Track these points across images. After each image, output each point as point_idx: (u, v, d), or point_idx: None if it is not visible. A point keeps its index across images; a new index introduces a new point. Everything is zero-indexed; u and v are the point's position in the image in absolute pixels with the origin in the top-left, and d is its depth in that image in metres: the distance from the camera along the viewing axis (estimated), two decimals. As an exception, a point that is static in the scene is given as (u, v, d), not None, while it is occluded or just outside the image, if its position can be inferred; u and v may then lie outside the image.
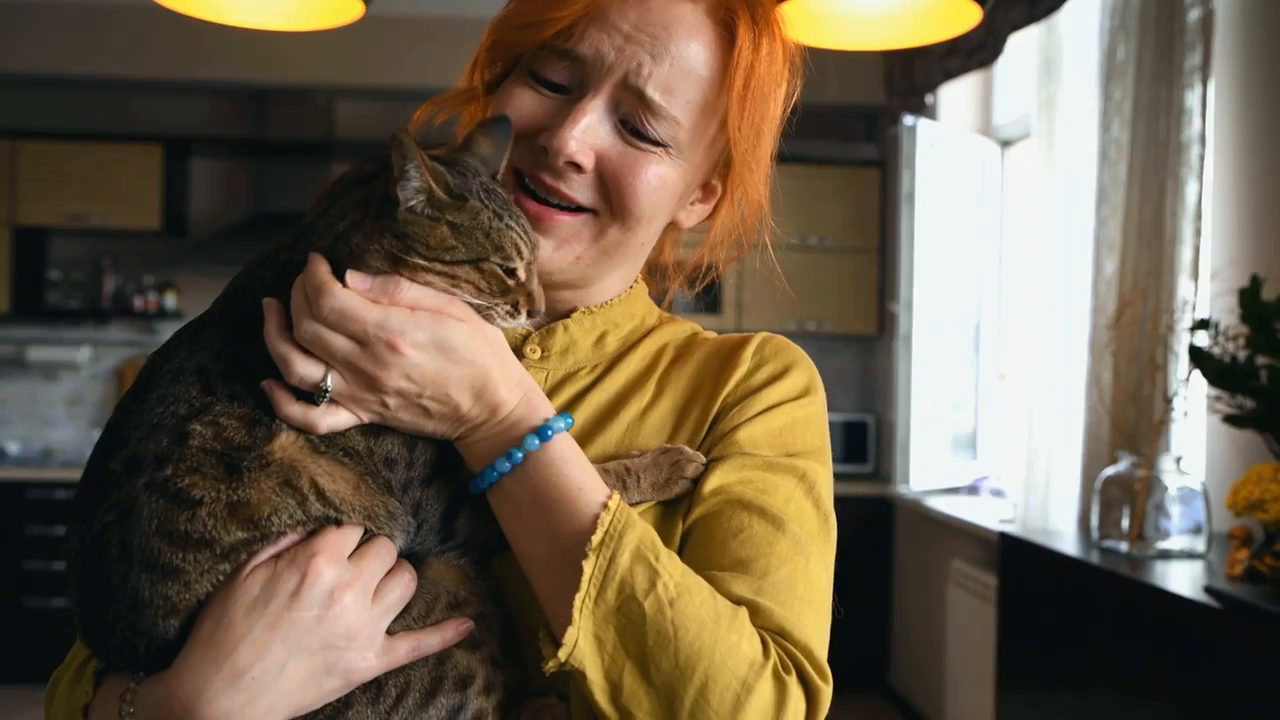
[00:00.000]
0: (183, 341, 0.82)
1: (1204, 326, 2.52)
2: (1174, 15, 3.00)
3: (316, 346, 0.77)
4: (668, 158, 0.90)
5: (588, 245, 0.90)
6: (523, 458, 0.79)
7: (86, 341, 5.65)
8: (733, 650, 0.76)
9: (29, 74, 5.35)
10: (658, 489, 0.86)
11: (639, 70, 0.86)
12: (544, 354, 0.95)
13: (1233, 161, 3.01)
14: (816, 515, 0.88)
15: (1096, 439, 3.26)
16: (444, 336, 0.78)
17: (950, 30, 2.56)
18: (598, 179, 0.88)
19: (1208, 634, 2.13)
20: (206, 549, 0.76)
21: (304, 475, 0.78)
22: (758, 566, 0.82)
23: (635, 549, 0.77)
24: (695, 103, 0.88)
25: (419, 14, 5.29)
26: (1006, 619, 3.04)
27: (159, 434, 0.78)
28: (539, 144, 0.87)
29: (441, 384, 0.78)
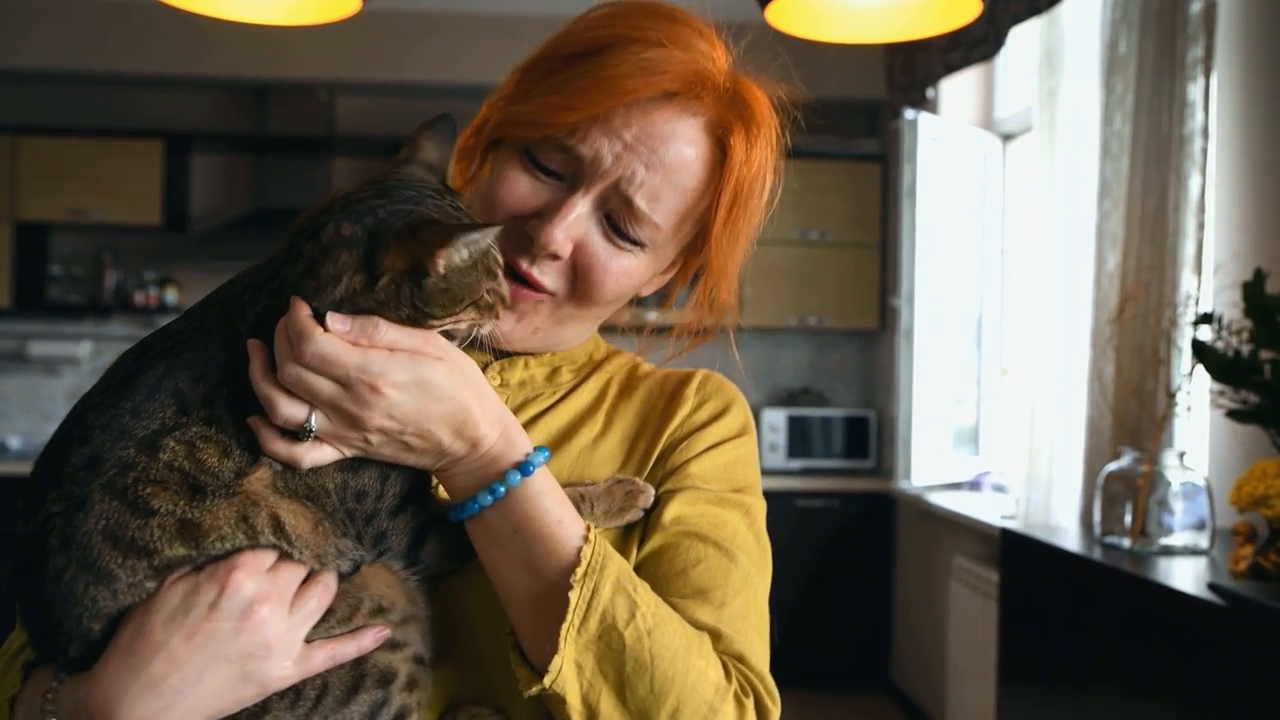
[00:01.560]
0: (160, 355, 0.83)
1: (1207, 321, 2.50)
2: (1176, 7, 2.99)
3: (300, 389, 0.78)
4: (641, 254, 0.95)
5: (545, 319, 0.96)
6: (505, 492, 0.82)
7: (88, 336, 5.65)
8: (701, 676, 0.82)
9: (30, 70, 5.34)
10: (609, 516, 0.91)
11: (632, 179, 0.91)
12: (503, 383, 1.00)
13: (1235, 154, 2.99)
14: (758, 548, 0.95)
15: (1099, 434, 3.25)
16: (424, 376, 0.80)
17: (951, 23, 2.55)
18: (569, 266, 0.93)
19: (1211, 631, 2.12)
20: (145, 559, 0.77)
21: (264, 511, 0.79)
22: (716, 596, 0.89)
23: (616, 580, 0.82)
24: (677, 211, 0.94)
25: (419, 9, 5.27)
26: (1008, 615, 3.03)
27: (127, 441, 0.79)
28: (525, 230, 0.92)
29: (423, 421, 0.80)
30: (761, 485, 1.00)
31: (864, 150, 5.38)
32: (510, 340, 0.95)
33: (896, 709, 4.85)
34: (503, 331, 0.93)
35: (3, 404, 5.65)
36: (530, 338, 0.96)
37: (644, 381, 1.03)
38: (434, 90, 5.48)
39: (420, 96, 5.59)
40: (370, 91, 5.60)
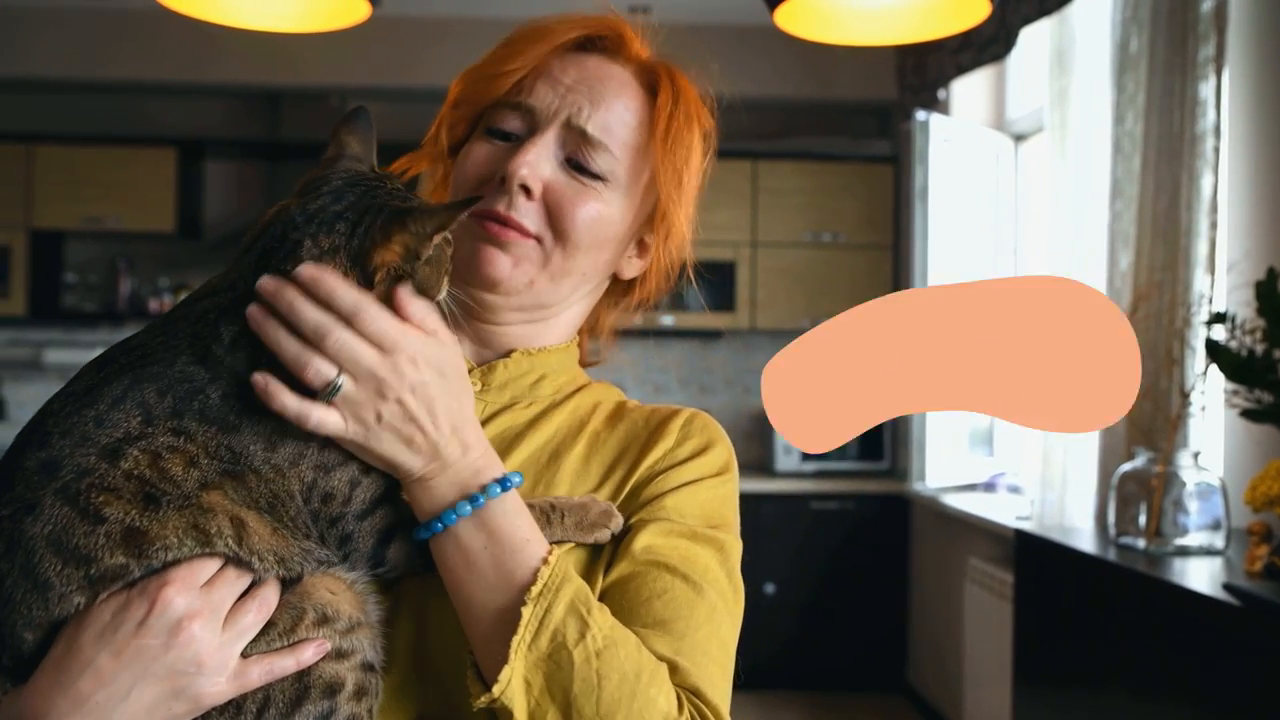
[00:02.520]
0: (125, 368, 0.82)
1: (1220, 320, 2.49)
2: (1187, 6, 2.98)
3: (342, 353, 0.80)
4: (606, 191, 1.00)
5: (538, 269, 0.98)
6: (484, 503, 0.84)
7: (102, 344, 5.67)
8: (650, 703, 0.82)
9: (44, 78, 5.38)
10: (580, 529, 0.92)
11: (579, 113, 0.99)
12: (484, 387, 1.02)
13: (1248, 153, 2.98)
14: (729, 585, 0.95)
15: (1113, 434, 3.24)
16: (443, 361, 0.84)
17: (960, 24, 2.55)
18: (544, 209, 0.97)
19: (1226, 631, 2.11)
20: (83, 568, 0.76)
21: (222, 517, 0.79)
22: (677, 627, 0.89)
23: (570, 602, 0.83)
24: (629, 143, 1.00)
25: (431, 14, 5.29)
26: (1022, 617, 3.02)
27: (88, 448, 0.78)
28: (495, 181, 0.97)
29: (433, 408, 0.83)
30: (739, 525, 1.01)
31: (876, 152, 5.37)
32: (512, 282, 0.97)
33: (912, 711, 4.83)
34: (500, 276, 0.97)
35: (18, 411, 5.68)
36: (527, 290, 0.99)
37: (630, 413, 1.04)
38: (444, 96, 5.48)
39: (432, 102, 5.54)
40: (382, 97, 5.61)
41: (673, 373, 5.64)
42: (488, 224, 0.97)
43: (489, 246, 0.96)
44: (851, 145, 5.34)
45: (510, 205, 0.96)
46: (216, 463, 0.79)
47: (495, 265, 0.96)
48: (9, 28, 5.28)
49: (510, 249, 0.97)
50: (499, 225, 0.96)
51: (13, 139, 5.35)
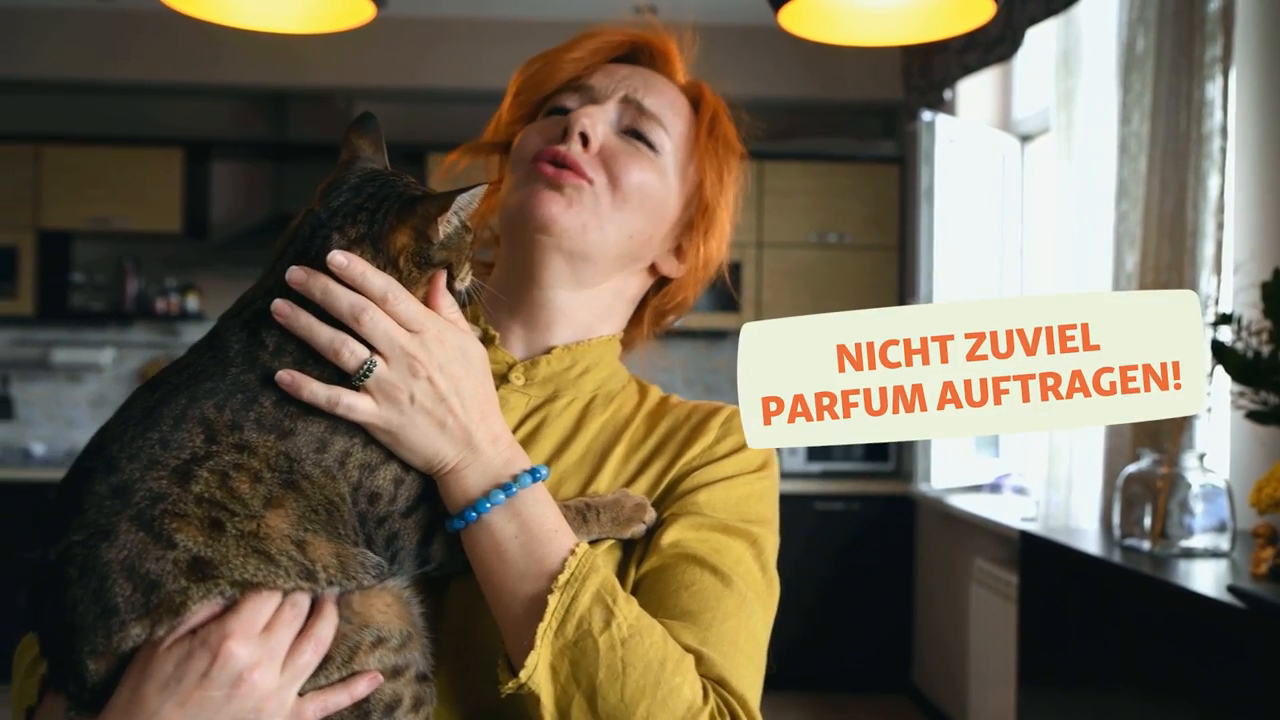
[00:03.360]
0: (178, 388, 0.84)
1: (1226, 321, 2.49)
2: (1193, 6, 2.97)
3: (376, 334, 0.83)
4: (659, 162, 1.04)
5: (591, 213, 1.00)
6: (516, 492, 0.86)
7: (110, 343, 5.70)
8: (674, 692, 0.83)
9: (51, 79, 5.40)
10: (616, 525, 0.93)
11: (635, 91, 1.05)
12: (527, 381, 1.03)
13: (1255, 154, 2.97)
14: (762, 578, 0.96)
15: (1118, 436, 3.23)
16: (465, 346, 0.88)
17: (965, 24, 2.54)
18: (599, 160, 1.01)
19: (1231, 634, 2.10)
20: (147, 594, 0.78)
21: (282, 539, 0.81)
22: (704, 619, 0.90)
23: (596, 591, 0.84)
24: (678, 131, 1.06)
25: (437, 15, 5.30)
26: (1027, 618, 3.02)
27: (158, 471, 0.80)
28: (557, 134, 1.02)
29: (460, 389, 0.86)
30: (777, 521, 1.01)
31: (882, 152, 5.37)
32: (563, 223, 0.99)
33: (917, 711, 4.83)
34: (551, 215, 0.99)
35: (26, 410, 5.70)
36: (580, 234, 1.00)
37: (673, 410, 1.06)
38: (451, 96, 5.50)
39: (437, 102, 5.61)
40: (388, 98, 5.62)
41: (678, 373, 5.64)
42: (543, 165, 1.00)
43: (544, 189, 0.99)
44: (857, 146, 5.34)
45: (568, 144, 1.00)
46: (277, 475, 0.81)
47: (550, 204, 0.99)
48: (17, 29, 5.29)
49: (565, 190, 0.99)
50: (555, 167, 0.99)
51: (21, 139, 5.37)
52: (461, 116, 5.63)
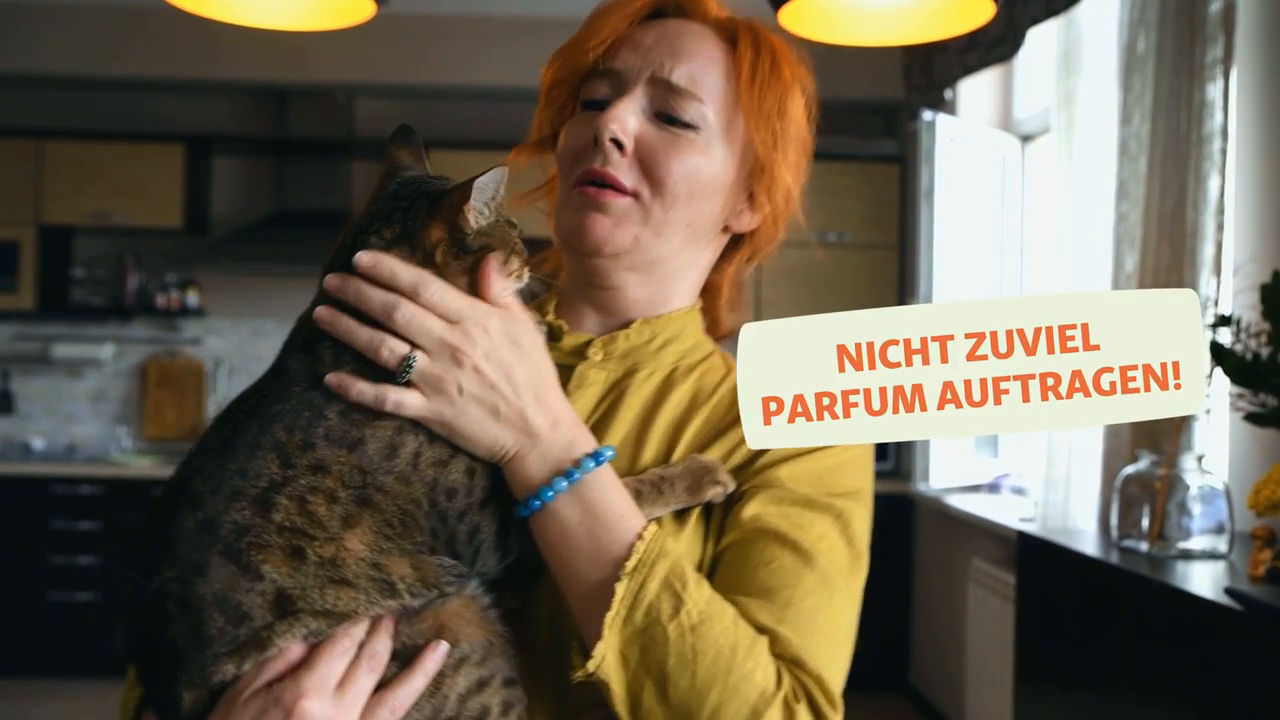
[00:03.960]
0: (250, 415, 0.85)
1: (1226, 323, 2.49)
2: (1194, 7, 2.97)
3: (411, 327, 0.83)
4: (700, 140, 0.99)
5: (640, 225, 0.98)
6: (579, 478, 0.85)
7: (110, 338, 5.70)
8: (746, 678, 0.81)
9: (53, 74, 5.40)
10: (692, 493, 0.92)
11: (662, 67, 0.99)
12: (606, 356, 1.02)
13: (1255, 155, 2.97)
14: (849, 553, 0.93)
15: (1117, 437, 3.23)
16: (515, 331, 0.86)
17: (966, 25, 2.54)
18: (638, 163, 0.98)
19: (1228, 636, 2.10)
20: (238, 626, 0.80)
21: (360, 563, 0.82)
22: (782, 596, 0.88)
23: (664, 578, 0.83)
24: (716, 92, 0.99)
25: (438, 11, 5.30)
26: (1025, 618, 3.02)
27: (240, 502, 0.81)
28: (589, 142, 0.99)
29: (512, 375, 0.85)
30: (870, 491, 0.99)
31: (882, 151, 5.37)
32: (613, 244, 0.98)
33: (914, 711, 4.83)
34: (602, 238, 0.97)
35: (27, 405, 5.70)
36: (634, 247, 0.99)
37: None
38: (452, 93, 5.50)
39: (438, 99, 5.61)
40: (389, 94, 5.62)
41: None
42: (586, 189, 0.98)
43: (589, 212, 0.98)
44: (858, 145, 5.34)
45: (605, 162, 0.97)
46: (351, 491, 0.82)
47: (596, 229, 0.97)
48: (19, 24, 5.29)
49: (609, 210, 0.98)
50: (596, 188, 0.97)
51: (22, 135, 5.37)
52: (463, 113, 5.63)
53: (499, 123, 5.54)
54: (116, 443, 5.64)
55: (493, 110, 5.58)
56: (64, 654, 5.10)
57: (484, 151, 5.37)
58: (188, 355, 5.75)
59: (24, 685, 4.99)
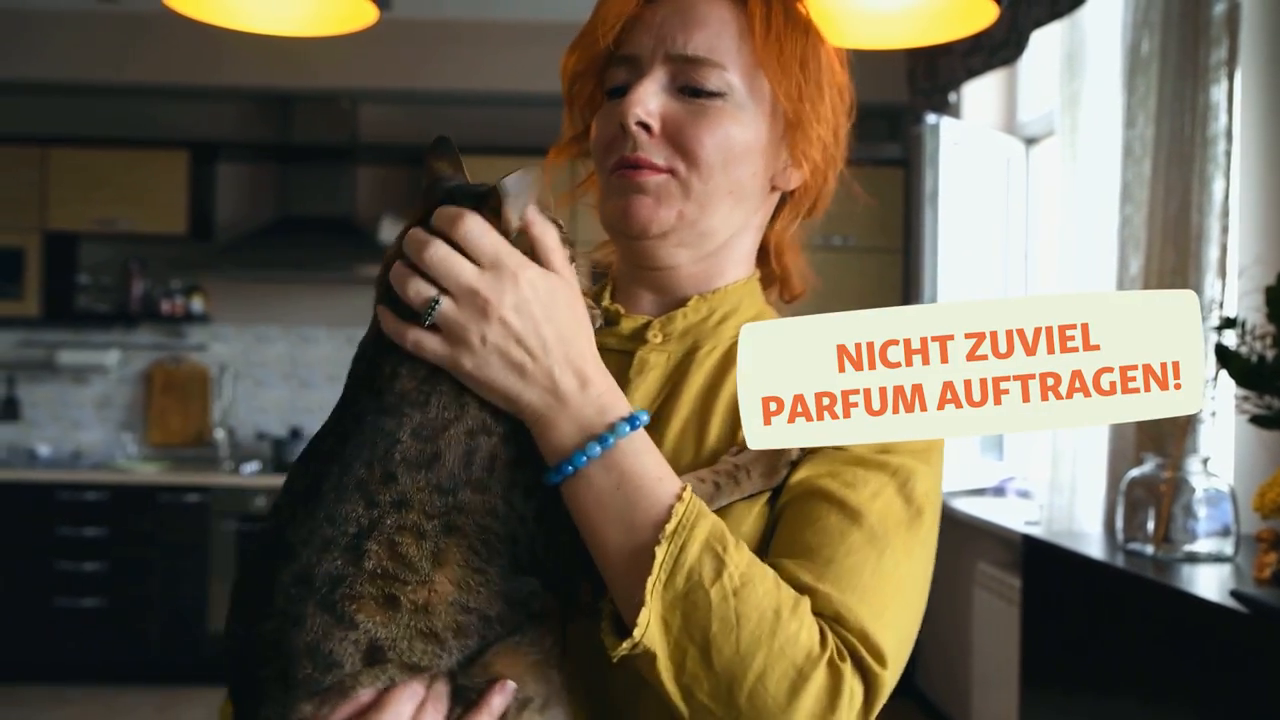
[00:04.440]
0: (330, 456, 0.85)
1: (1231, 325, 2.48)
2: (1199, 9, 2.96)
3: (441, 268, 0.81)
4: (728, 106, 0.97)
5: (682, 200, 0.97)
6: (614, 443, 0.82)
7: (115, 345, 5.71)
8: (791, 639, 0.80)
9: (58, 81, 5.42)
10: (767, 477, 0.91)
11: (675, 41, 0.97)
12: (665, 338, 1.01)
13: (1259, 158, 2.97)
14: (906, 511, 0.90)
15: (1123, 440, 3.22)
16: (552, 288, 0.84)
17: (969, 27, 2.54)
18: (667, 140, 0.96)
19: (1234, 639, 2.10)
20: (325, 673, 0.80)
21: (447, 610, 0.81)
22: (823, 554, 0.86)
23: (705, 540, 0.81)
24: (735, 54, 0.97)
25: (441, 18, 5.30)
26: (1030, 622, 3.01)
27: (333, 553, 0.81)
28: (617, 130, 0.97)
29: (540, 331, 0.82)
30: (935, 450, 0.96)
31: (886, 155, 5.37)
32: (659, 223, 0.97)
33: (920, 715, 4.82)
34: (644, 218, 0.96)
35: (32, 412, 5.71)
36: (680, 223, 0.98)
37: None
38: (456, 98, 5.51)
39: (442, 105, 5.62)
40: (393, 100, 5.63)
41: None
42: (623, 173, 0.97)
43: (629, 195, 0.97)
44: (861, 148, 5.26)
45: (634, 147, 0.96)
46: (436, 521, 0.81)
47: (638, 210, 0.97)
48: (23, 31, 5.31)
49: (648, 189, 0.97)
50: (632, 170, 0.97)
51: (27, 141, 5.39)
52: (466, 118, 5.64)
53: (503, 128, 5.55)
54: (122, 449, 5.65)
55: (496, 115, 5.58)
56: (69, 660, 5.10)
57: (488, 156, 5.38)
58: (193, 361, 5.76)
59: (29, 691, 5.00)
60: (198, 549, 5.11)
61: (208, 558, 5.11)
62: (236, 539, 5.12)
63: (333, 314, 5.73)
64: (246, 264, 5.39)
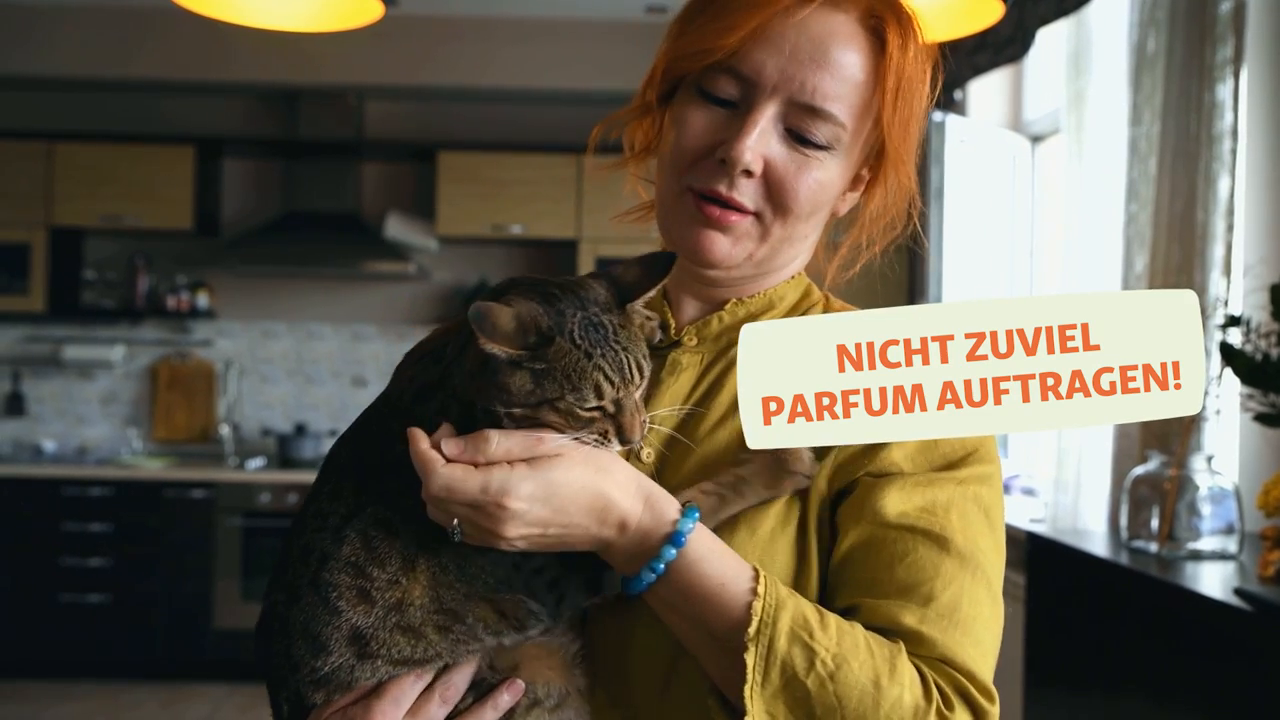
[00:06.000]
0: (348, 439, 0.90)
1: (1236, 323, 2.48)
2: (1205, 7, 2.96)
3: (439, 513, 0.82)
4: (829, 159, 0.96)
5: (757, 243, 0.97)
6: (664, 569, 0.83)
7: (121, 340, 5.72)
8: (896, 705, 0.80)
9: (64, 77, 5.42)
10: (770, 488, 0.90)
11: (802, 87, 0.92)
12: (700, 340, 1.01)
13: (1265, 156, 2.96)
14: (984, 524, 0.91)
15: (1127, 438, 3.22)
16: (549, 479, 0.82)
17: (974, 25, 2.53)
18: (763, 183, 0.94)
19: (1238, 637, 2.09)
20: (319, 658, 0.83)
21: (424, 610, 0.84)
22: (922, 592, 0.86)
23: (790, 631, 0.81)
24: (854, 105, 0.94)
25: (447, 14, 5.30)
26: (1034, 619, 3.01)
27: (324, 529, 0.85)
28: (715, 159, 0.94)
29: (561, 520, 0.82)
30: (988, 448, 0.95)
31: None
32: (730, 262, 0.96)
33: (925, 713, 4.81)
34: (719, 258, 0.96)
35: (38, 407, 5.72)
36: (747, 263, 0.98)
37: None
38: (461, 95, 5.51)
39: (448, 101, 5.62)
40: (399, 96, 5.63)
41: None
42: (707, 206, 0.95)
43: (708, 230, 0.95)
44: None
45: (731, 186, 0.94)
46: (412, 529, 0.83)
47: (715, 248, 0.96)
48: (29, 27, 5.32)
49: (730, 231, 0.96)
50: (719, 208, 0.95)
51: (33, 137, 5.40)
52: (471, 115, 5.64)
53: (508, 124, 5.55)
54: (127, 445, 5.66)
55: (502, 112, 5.58)
56: (75, 656, 5.11)
57: (493, 153, 5.39)
58: (198, 357, 5.77)
59: (35, 687, 5.01)
60: (203, 545, 5.12)
61: (213, 554, 5.12)
62: (241, 535, 5.13)
63: (338, 310, 5.74)
64: (252, 260, 5.40)
